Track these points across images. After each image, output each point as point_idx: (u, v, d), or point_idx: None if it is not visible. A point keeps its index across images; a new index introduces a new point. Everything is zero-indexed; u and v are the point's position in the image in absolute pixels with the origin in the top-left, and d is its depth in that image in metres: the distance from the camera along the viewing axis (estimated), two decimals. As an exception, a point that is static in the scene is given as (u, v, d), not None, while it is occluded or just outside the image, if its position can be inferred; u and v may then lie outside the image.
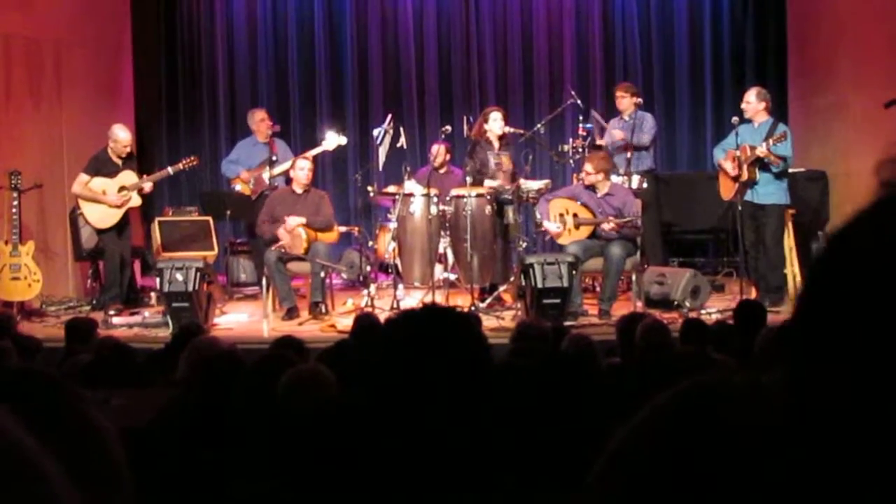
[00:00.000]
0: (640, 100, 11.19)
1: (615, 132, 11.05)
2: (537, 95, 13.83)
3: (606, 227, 9.64)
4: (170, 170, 10.98)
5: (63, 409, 1.29)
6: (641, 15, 13.81)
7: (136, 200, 10.63)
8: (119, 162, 10.60)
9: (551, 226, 9.85)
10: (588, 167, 9.85)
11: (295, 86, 13.98)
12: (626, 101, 11.12)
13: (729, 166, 9.87)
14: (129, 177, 10.59)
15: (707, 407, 1.00)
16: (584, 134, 11.26)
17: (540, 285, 8.89)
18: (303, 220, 9.94)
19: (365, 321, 7.09)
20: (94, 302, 10.86)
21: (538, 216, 10.06)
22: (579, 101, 11.43)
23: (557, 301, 8.93)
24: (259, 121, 11.68)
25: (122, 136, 10.57)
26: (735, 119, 9.92)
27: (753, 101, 10.03)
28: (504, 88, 13.89)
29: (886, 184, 0.82)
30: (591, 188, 9.85)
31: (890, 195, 0.82)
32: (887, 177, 0.82)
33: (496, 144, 10.41)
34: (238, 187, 11.43)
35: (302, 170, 10.28)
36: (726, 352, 5.71)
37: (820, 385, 0.82)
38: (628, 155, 10.81)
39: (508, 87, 13.89)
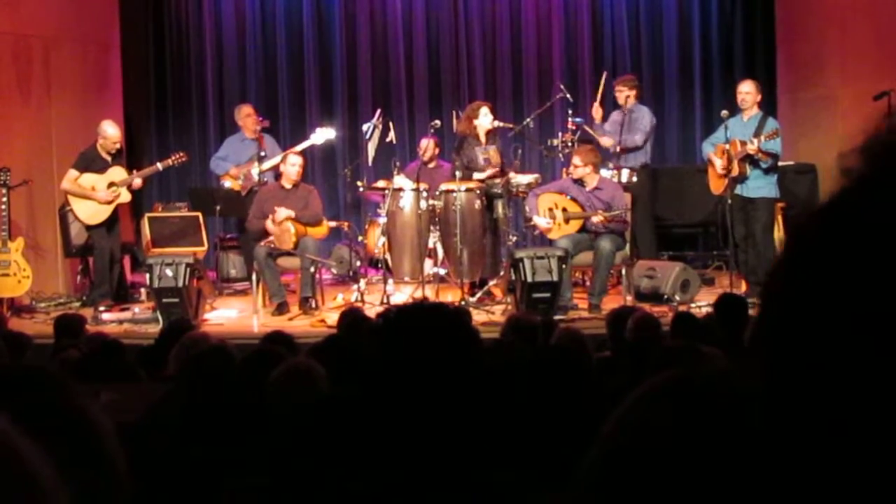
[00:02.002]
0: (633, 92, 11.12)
1: (604, 140, 10.99)
2: (526, 90, 13.83)
3: (595, 220, 9.64)
4: (159, 165, 10.97)
5: (59, 405, 1.29)
6: (630, 8, 13.82)
7: (125, 197, 10.61)
8: (108, 158, 10.58)
9: (541, 221, 9.84)
10: (576, 160, 9.85)
11: (284, 81, 13.96)
12: (623, 96, 11.07)
13: (718, 163, 9.87)
14: (118, 173, 10.57)
15: (685, 398, 1.01)
16: (574, 128, 11.24)
17: (530, 279, 8.90)
18: (291, 212, 9.93)
19: (350, 316, 7.09)
20: (84, 298, 10.85)
21: (528, 211, 10.07)
22: (568, 96, 11.41)
23: (547, 295, 8.94)
24: (245, 116, 11.68)
25: (111, 133, 10.55)
26: (724, 113, 9.92)
27: (752, 91, 10.00)
28: (493, 83, 13.88)
29: (847, 173, 0.82)
30: (580, 182, 9.85)
31: (850, 187, 0.82)
32: (848, 167, 0.82)
33: (484, 139, 10.40)
34: (228, 184, 11.42)
35: (293, 166, 10.27)
36: (715, 345, 5.72)
37: (777, 379, 0.82)
38: (618, 149, 10.80)
39: (497, 82, 13.89)
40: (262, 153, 11.31)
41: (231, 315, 10.15)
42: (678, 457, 0.96)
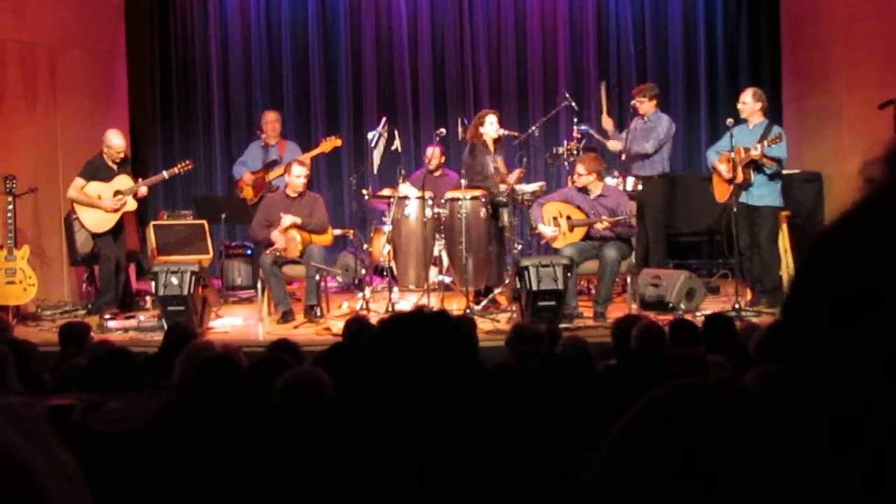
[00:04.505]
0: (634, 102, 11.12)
1: (611, 144, 11.02)
2: (531, 98, 13.83)
3: (600, 226, 9.62)
4: (165, 174, 10.98)
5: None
6: (635, 17, 13.81)
7: (131, 205, 10.62)
8: (114, 167, 10.59)
9: (546, 229, 9.83)
10: (580, 168, 9.82)
11: (289, 89, 13.97)
12: (645, 105, 10.99)
13: (723, 168, 9.86)
14: (124, 181, 10.58)
15: (690, 408, 1.01)
16: (579, 136, 11.24)
17: (535, 288, 8.89)
18: (297, 219, 9.93)
19: (355, 324, 7.10)
20: (90, 306, 10.86)
21: (533, 220, 10.07)
22: (573, 104, 11.41)
23: (552, 303, 8.93)
24: (265, 122, 11.85)
25: (116, 143, 10.55)
26: (730, 121, 9.91)
27: (749, 102, 10.02)
28: (498, 91, 13.89)
29: (870, 182, 0.82)
30: (585, 190, 9.84)
31: (873, 194, 0.82)
32: (871, 176, 0.82)
33: (492, 147, 10.41)
34: (244, 193, 11.55)
35: (298, 178, 10.23)
36: (713, 351, 5.72)
37: (805, 384, 0.83)
38: (623, 158, 10.80)
39: (502, 90, 13.89)
40: (275, 159, 11.40)
41: (236, 323, 10.17)
42: (683, 466, 0.97)
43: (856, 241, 0.81)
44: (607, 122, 11.18)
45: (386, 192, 11.11)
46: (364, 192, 11.06)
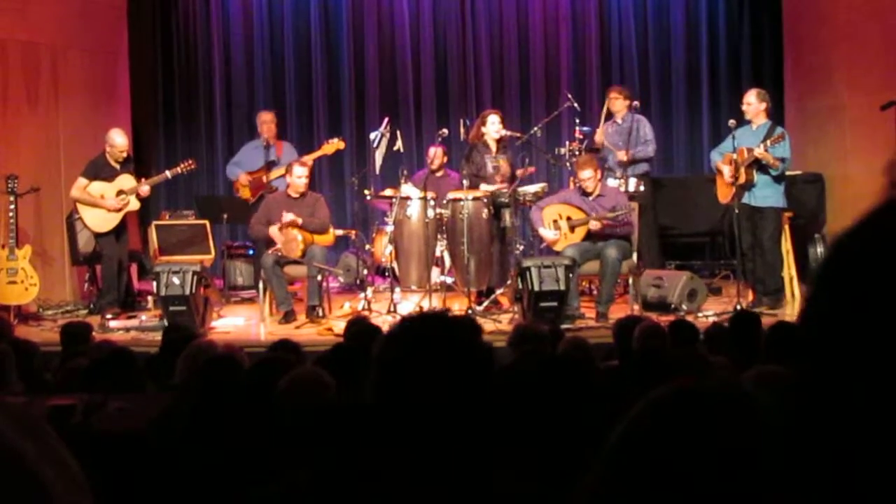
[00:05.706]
0: (635, 103, 11.10)
1: (620, 155, 11.02)
2: (533, 98, 13.84)
3: (593, 226, 9.59)
4: (168, 173, 10.97)
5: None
6: (637, 18, 13.82)
7: (134, 204, 10.61)
8: (117, 166, 10.59)
9: (547, 233, 9.81)
10: (588, 173, 9.73)
11: (291, 90, 13.98)
12: (619, 104, 11.05)
13: (726, 171, 9.85)
14: (127, 180, 10.58)
15: (690, 409, 1.01)
16: (581, 137, 11.24)
17: (537, 288, 8.89)
18: (298, 219, 9.90)
19: (357, 324, 7.10)
20: (92, 306, 10.86)
21: (533, 223, 10.06)
22: (576, 105, 11.40)
23: (554, 304, 8.92)
24: (261, 123, 11.81)
25: (118, 142, 10.56)
26: (732, 122, 9.91)
27: (754, 102, 10.00)
28: (500, 91, 13.89)
29: (894, 184, 0.82)
30: (584, 191, 9.81)
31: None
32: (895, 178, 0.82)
33: (493, 147, 10.40)
34: (241, 193, 11.54)
35: (300, 178, 10.22)
36: (722, 354, 5.71)
37: (828, 385, 0.82)
38: (624, 158, 10.79)
39: (505, 90, 13.89)
40: (274, 159, 11.39)
41: (238, 323, 10.16)
42: (684, 465, 0.97)
43: (877, 244, 0.80)
44: (601, 135, 11.16)
45: (388, 192, 11.11)
46: (366, 192, 11.07)
